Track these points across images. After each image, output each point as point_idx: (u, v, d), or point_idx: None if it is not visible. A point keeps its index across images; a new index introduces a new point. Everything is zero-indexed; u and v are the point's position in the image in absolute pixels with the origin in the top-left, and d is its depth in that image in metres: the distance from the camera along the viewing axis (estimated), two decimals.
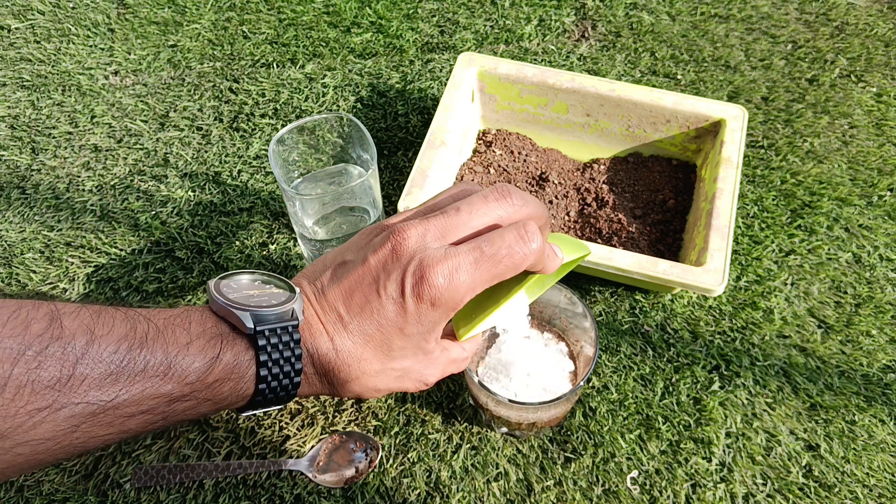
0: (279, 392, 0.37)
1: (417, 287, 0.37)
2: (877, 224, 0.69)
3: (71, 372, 0.31)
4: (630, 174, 0.71)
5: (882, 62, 0.83)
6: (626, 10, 0.88)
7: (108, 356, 0.32)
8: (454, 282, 0.36)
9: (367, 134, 0.58)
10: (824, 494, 0.54)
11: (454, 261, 0.36)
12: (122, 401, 0.32)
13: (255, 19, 0.88)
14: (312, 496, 0.54)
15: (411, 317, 0.37)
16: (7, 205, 0.72)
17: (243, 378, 0.36)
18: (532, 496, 0.54)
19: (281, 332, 0.36)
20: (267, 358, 0.36)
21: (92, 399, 0.31)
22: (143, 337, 0.33)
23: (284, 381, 0.36)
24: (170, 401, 0.34)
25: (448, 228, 0.38)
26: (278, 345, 0.36)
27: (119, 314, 0.34)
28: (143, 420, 0.33)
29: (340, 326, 0.38)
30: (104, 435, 0.32)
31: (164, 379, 0.33)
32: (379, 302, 0.38)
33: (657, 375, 0.60)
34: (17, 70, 0.84)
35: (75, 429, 0.31)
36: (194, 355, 0.34)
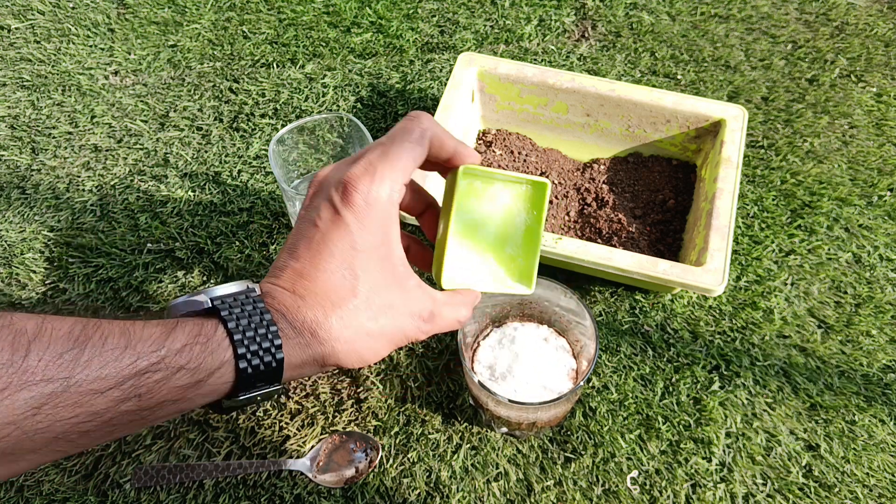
0: (263, 356, 0.35)
1: (345, 196, 0.37)
2: (877, 224, 0.69)
3: (24, 353, 0.30)
4: (630, 174, 0.71)
5: (882, 62, 0.83)
6: (626, 10, 0.88)
7: (62, 337, 0.31)
8: (377, 174, 0.37)
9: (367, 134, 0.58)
10: (824, 494, 0.54)
11: (367, 157, 0.37)
12: (85, 376, 0.31)
13: (255, 19, 0.88)
14: (312, 496, 0.55)
15: (354, 226, 0.37)
16: (7, 205, 0.72)
17: (212, 342, 0.35)
18: (532, 496, 0.54)
19: (242, 301, 0.36)
20: (235, 323, 0.35)
21: (51, 376, 0.30)
22: (97, 323, 0.33)
23: (265, 344, 0.35)
24: (137, 373, 0.32)
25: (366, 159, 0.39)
26: (241, 309, 0.35)
27: (71, 317, 0.33)
28: (112, 398, 0.32)
29: (297, 275, 0.37)
30: (70, 418, 0.31)
31: (126, 350, 0.32)
32: (320, 232, 0.37)
33: (657, 375, 0.60)
34: (17, 70, 0.84)
35: (36, 411, 0.30)
36: (152, 328, 0.34)
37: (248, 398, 0.37)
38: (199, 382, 0.34)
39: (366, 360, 0.39)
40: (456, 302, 0.41)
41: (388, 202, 0.37)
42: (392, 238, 0.38)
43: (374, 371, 0.61)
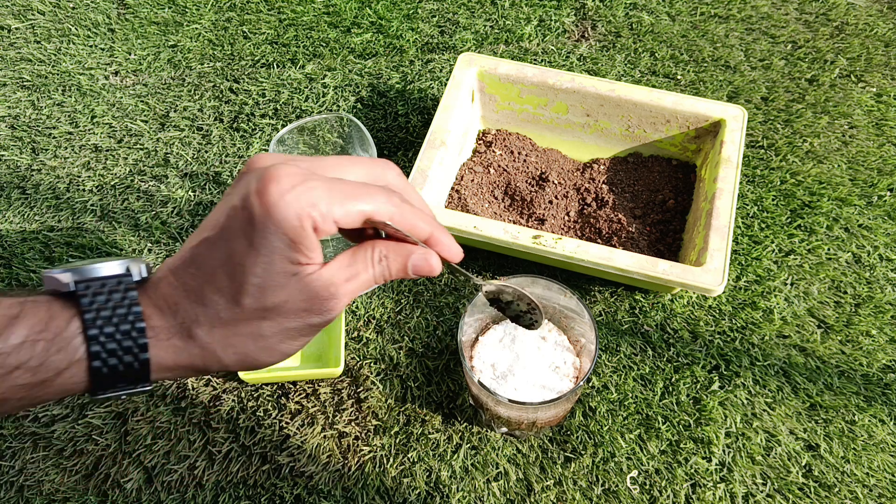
0: (123, 356, 0.31)
1: (260, 182, 0.31)
2: (877, 224, 0.69)
3: None
4: (630, 174, 0.71)
5: (882, 62, 0.83)
6: (626, 11, 0.88)
7: None
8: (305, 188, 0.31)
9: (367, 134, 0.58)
10: (824, 494, 0.54)
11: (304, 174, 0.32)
12: None
13: (256, 19, 0.88)
14: (312, 496, 0.55)
15: (257, 221, 0.31)
16: (7, 205, 0.72)
17: (62, 338, 0.31)
18: (532, 496, 0.54)
19: (111, 288, 0.31)
20: (94, 316, 0.31)
21: None
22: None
23: (126, 343, 0.31)
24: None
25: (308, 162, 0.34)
26: (107, 300, 0.31)
27: None
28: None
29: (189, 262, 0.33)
30: None
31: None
32: (224, 215, 0.32)
33: (657, 375, 0.60)
34: (18, 70, 0.84)
35: None
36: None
37: (110, 397, 0.33)
38: (43, 382, 0.31)
39: (262, 363, 0.35)
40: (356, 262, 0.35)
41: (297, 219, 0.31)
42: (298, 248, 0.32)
43: (375, 371, 0.61)
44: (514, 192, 0.69)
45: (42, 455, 0.57)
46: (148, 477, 0.56)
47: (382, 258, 0.35)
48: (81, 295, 0.31)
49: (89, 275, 0.32)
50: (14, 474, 0.56)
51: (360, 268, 0.35)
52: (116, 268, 0.32)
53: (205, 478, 0.56)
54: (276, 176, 0.31)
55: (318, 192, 0.31)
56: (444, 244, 0.37)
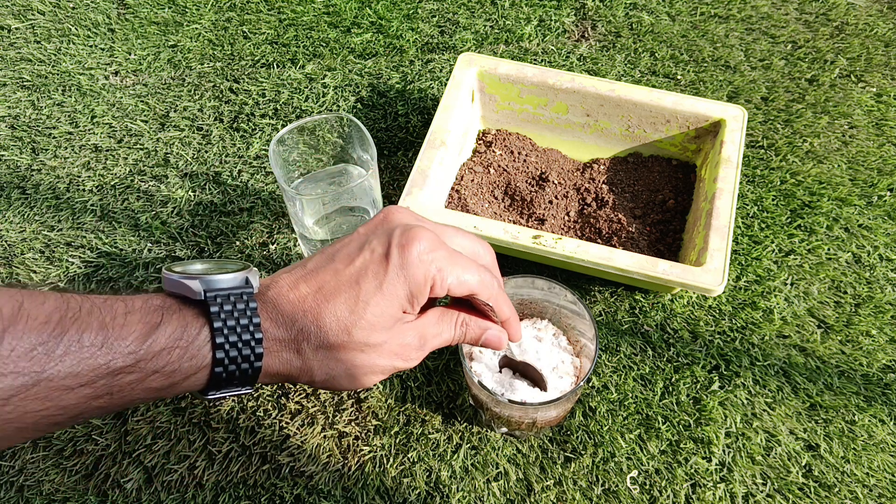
0: (241, 364, 0.34)
1: (404, 237, 0.37)
2: (877, 224, 0.69)
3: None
4: (630, 174, 0.71)
5: (882, 62, 0.83)
6: (626, 11, 0.88)
7: (39, 326, 0.30)
8: (437, 255, 0.37)
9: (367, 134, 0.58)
10: (824, 494, 0.54)
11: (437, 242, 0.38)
12: (56, 372, 0.30)
13: (256, 19, 0.88)
14: (312, 496, 0.55)
15: (392, 269, 0.37)
16: (7, 205, 0.72)
17: (193, 346, 0.33)
18: (532, 496, 0.54)
19: (235, 299, 0.34)
20: (222, 325, 0.33)
21: (22, 370, 0.29)
22: (77, 310, 0.32)
23: (245, 351, 0.34)
24: (111, 372, 0.31)
25: (433, 226, 0.40)
26: (232, 311, 0.34)
27: (52, 293, 0.32)
28: (83, 395, 0.31)
29: (317, 285, 0.37)
30: (39, 410, 0.30)
31: (102, 349, 0.31)
32: (360, 255, 0.37)
33: (657, 375, 0.60)
34: (18, 70, 0.84)
35: (5, 402, 0.29)
36: (134, 325, 0.32)
37: (216, 398, 0.37)
38: (172, 385, 0.34)
39: (342, 388, 0.39)
40: (443, 321, 0.41)
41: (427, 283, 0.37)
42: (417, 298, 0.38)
43: None
44: (514, 192, 0.69)
45: (42, 455, 0.57)
46: (148, 477, 0.56)
47: (464, 324, 0.42)
48: (211, 305, 0.34)
49: (216, 286, 0.35)
50: (14, 474, 0.56)
51: (446, 328, 0.41)
52: (239, 279, 0.36)
53: (205, 478, 0.56)
54: (418, 238, 0.37)
55: (444, 261, 0.38)
56: (514, 328, 0.44)
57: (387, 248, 0.37)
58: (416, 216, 0.40)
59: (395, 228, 0.38)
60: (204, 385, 0.35)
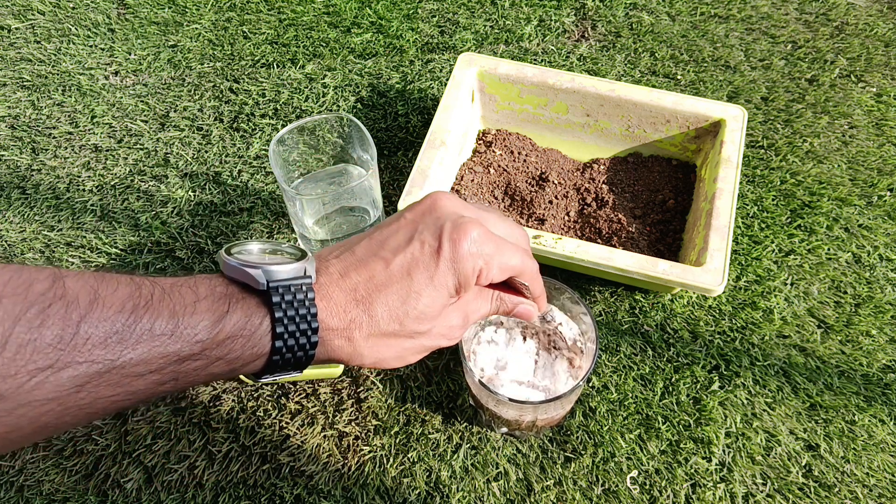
0: (297, 352, 0.36)
1: (455, 232, 0.38)
2: (877, 224, 0.69)
3: (74, 331, 0.30)
4: (630, 174, 0.71)
5: (882, 62, 0.83)
6: (626, 10, 0.88)
7: (113, 315, 0.31)
8: (486, 246, 0.39)
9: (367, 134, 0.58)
10: (824, 494, 0.54)
11: (485, 233, 0.39)
12: (129, 359, 0.31)
13: (256, 19, 0.88)
14: (312, 496, 0.55)
15: (444, 262, 0.38)
16: (7, 205, 0.72)
17: (256, 335, 0.35)
18: (532, 496, 0.54)
19: (295, 290, 0.35)
20: (282, 315, 0.35)
21: (97, 358, 0.30)
22: (149, 297, 0.32)
23: (301, 340, 0.36)
24: (179, 360, 0.33)
25: (476, 213, 0.41)
26: (293, 301, 0.35)
27: (124, 277, 0.33)
28: (152, 380, 0.32)
29: (368, 274, 0.38)
30: (110, 396, 0.31)
31: (172, 338, 0.32)
32: (410, 246, 0.38)
33: (657, 375, 0.60)
34: (18, 70, 0.84)
35: (80, 389, 0.30)
36: (202, 313, 0.33)
37: (268, 381, 0.38)
38: (232, 370, 0.35)
39: (389, 367, 0.41)
40: (480, 297, 0.43)
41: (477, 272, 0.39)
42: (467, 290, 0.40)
43: (375, 371, 0.61)
44: (514, 192, 0.69)
45: (42, 455, 0.57)
46: (148, 477, 0.56)
47: (499, 298, 0.43)
48: (273, 295, 0.35)
49: (278, 276, 0.35)
50: (14, 474, 0.56)
51: (483, 303, 0.43)
52: (299, 269, 0.36)
53: (205, 478, 0.56)
54: (469, 231, 0.38)
55: (491, 252, 0.39)
56: (542, 302, 0.46)
57: (438, 242, 0.38)
58: (461, 203, 0.41)
59: (446, 221, 0.39)
60: (259, 370, 0.37)
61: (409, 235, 0.39)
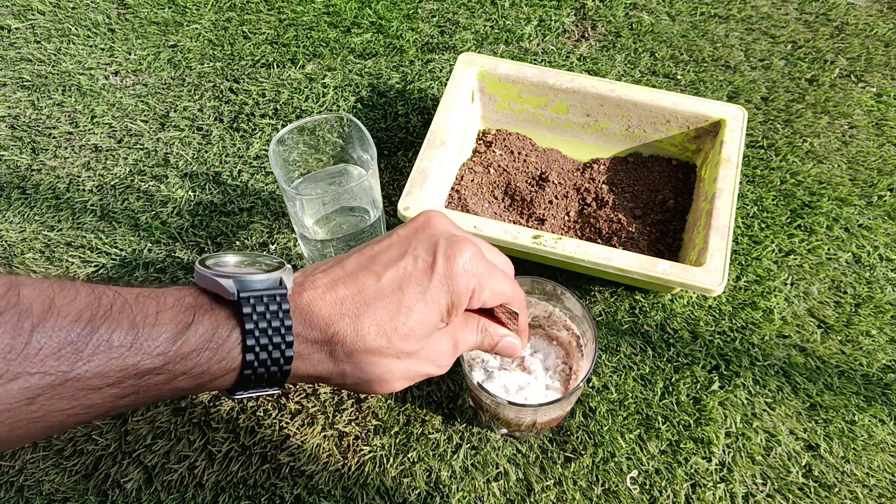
0: (270, 367, 0.34)
1: (450, 248, 0.38)
2: (877, 224, 0.69)
3: (26, 340, 0.29)
4: (630, 174, 0.71)
5: (882, 62, 0.83)
6: (626, 11, 0.88)
7: (68, 325, 0.30)
8: (480, 267, 0.38)
9: (367, 134, 0.58)
10: (824, 494, 0.54)
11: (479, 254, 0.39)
12: (84, 372, 0.30)
13: (256, 19, 0.88)
14: (312, 496, 0.55)
15: (437, 278, 0.37)
16: (7, 205, 0.72)
17: (223, 348, 0.33)
18: (532, 496, 0.54)
19: (268, 301, 0.34)
20: (253, 326, 0.33)
21: (49, 369, 0.29)
22: (109, 307, 0.31)
23: (275, 354, 0.34)
24: (139, 373, 0.31)
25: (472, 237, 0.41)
26: (265, 313, 0.33)
27: (84, 287, 0.32)
28: (110, 394, 0.31)
29: (356, 288, 0.36)
30: (65, 409, 0.30)
31: (131, 350, 0.31)
32: (402, 261, 0.37)
33: (657, 375, 0.60)
34: (18, 70, 0.84)
35: (31, 401, 0.29)
36: (164, 324, 0.32)
37: (243, 398, 0.36)
38: (199, 385, 0.33)
39: (372, 392, 0.39)
40: (467, 326, 0.42)
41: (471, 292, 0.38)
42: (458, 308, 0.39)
43: None
44: (514, 192, 0.69)
45: (42, 455, 0.57)
46: (148, 477, 0.56)
47: (484, 329, 0.42)
48: (244, 306, 0.33)
49: (250, 286, 0.34)
50: (14, 474, 0.56)
51: (469, 333, 0.41)
52: (273, 279, 0.35)
53: (205, 478, 0.56)
54: (464, 249, 0.38)
55: (484, 273, 0.38)
56: (525, 339, 0.45)
57: (433, 258, 0.37)
58: (453, 224, 0.41)
59: (440, 238, 0.38)
60: (231, 385, 0.35)
61: (402, 251, 0.38)
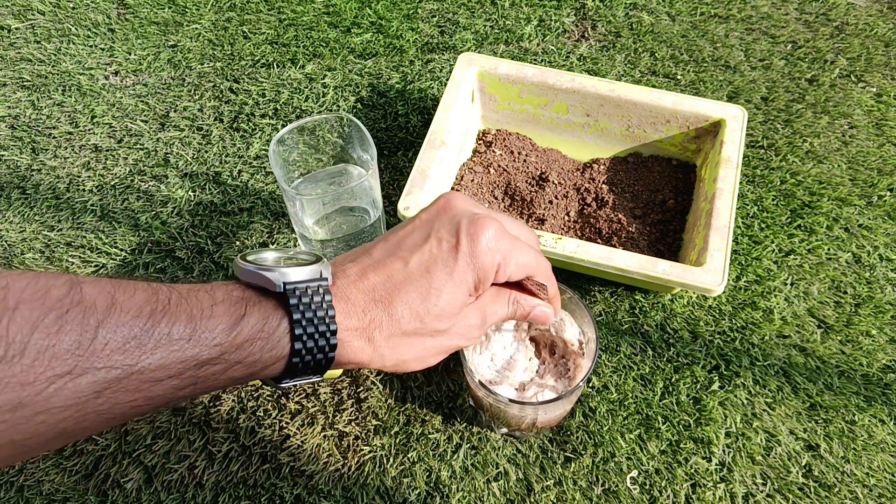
0: (316, 354, 0.36)
1: (473, 227, 0.38)
2: (877, 224, 0.69)
3: (92, 336, 0.30)
4: (630, 174, 0.71)
5: (882, 62, 0.83)
6: (626, 10, 0.88)
7: (131, 320, 0.31)
8: (503, 242, 0.39)
9: (367, 134, 0.58)
10: (824, 494, 0.54)
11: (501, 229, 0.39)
12: (147, 365, 0.31)
13: (256, 19, 0.88)
14: (312, 496, 0.55)
15: (462, 260, 0.38)
16: (7, 205, 0.72)
17: (273, 337, 0.35)
18: (532, 496, 0.54)
19: (312, 292, 0.35)
20: (300, 316, 0.35)
21: (115, 363, 0.30)
22: (167, 302, 0.32)
23: (321, 342, 0.35)
24: (197, 364, 0.33)
25: (494, 212, 0.41)
26: (310, 303, 0.35)
27: (140, 283, 0.33)
28: (170, 385, 0.32)
29: (387, 274, 0.38)
30: (129, 401, 0.31)
31: (190, 342, 0.32)
32: (427, 244, 0.39)
33: (657, 375, 0.60)
34: (18, 70, 0.84)
35: (98, 395, 0.30)
36: (220, 317, 0.33)
37: (288, 385, 0.38)
38: (252, 374, 0.35)
39: (410, 370, 0.40)
40: (498, 300, 0.43)
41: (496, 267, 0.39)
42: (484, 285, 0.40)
43: (374, 371, 0.61)
44: (514, 192, 0.69)
45: (42, 455, 0.57)
46: (148, 477, 0.56)
47: (516, 301, 0.43)
48: (290, 298, 0.35)
49: (294, 278, 0.36)
50: (14, 474, 0.56)
51: (500, 306, 0.43)
52: (314, 271, 0.37)
53: (205, 478, 0.56)
54: (486, 227, 0.39)
55: (508, 249, 0.39)
56: (558, 305, 0.46)
57: (456, 238, 0.38)
58: (473, 202, 0.42)
59: (462, 218, 0.39)
60: (279, 374, 0.36)
61: (426, 234, 0.39)
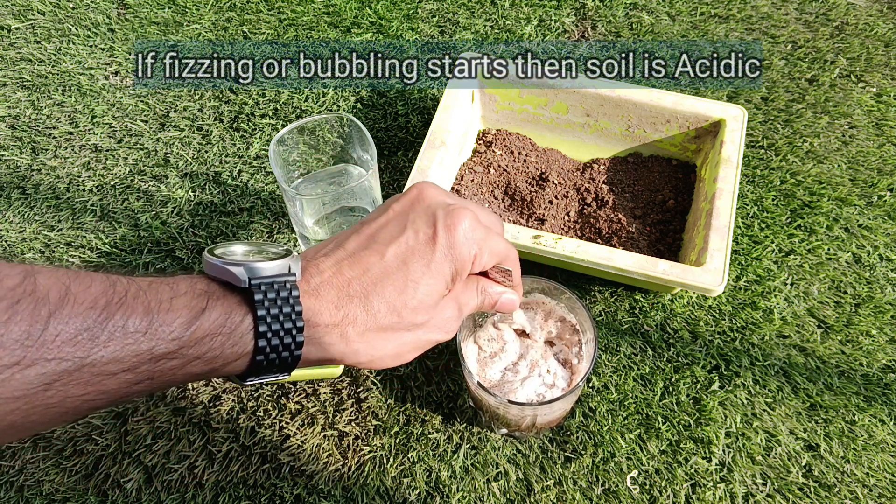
0: (281, 352, 0.34)
1: (449, 218, 0.38)
2: (877, 224, 0.69)
3: (43, 327, 0.29)
4: (630, 174, 0.71)
5: (882, 62, 0.83)
6: (626, 10, 0.88)
7: (84, 311, 0.30)
8: (479, 233, 0.39)
9: (367, 134, 0.58)
10: (824, 494, 0.54)
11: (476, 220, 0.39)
12: (99, 357, 0.30)
13: (256, 19, 0.88)
14: (312, 496, 0.55)
15: (440, 249, 0.37)
16: (7, 205, 0.72)
17: (236, 333, 0.34)
18: (532, 496, 0.54)
19: (278, 287, 0.34)
20: (265, 313, 0.34)
21: (66, 355, 0.29)
22: (123, 294, 0.31)
23: (286, 340, 0.34)
24: (153, 358, 0.31)
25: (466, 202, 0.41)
26: (276, 299, 0.34)
27: (98, 275, 0.32)
28: (125, 380, 0.31)
29: (362, 267, 0.37)
30: (81, 395, 0.30)
31: (146, 335, 0.31)
32: (403, 235, 0.38)
33: (657, 375, 0.60)
34: (18, 70, 0.84)
35: (48, 387, 0.29)
36: (178, 310, 0.32)
37: (254, 383, 0.37)
38: (212, 370, 0.34)
39: (386, 366, 0.39)
40: (468, 290, 0.42)
41: (472, 258, 0.39)
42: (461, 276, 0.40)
43: (375, 371, 0.61)
44: (514, 192, 0.69)
45: (42, 455, 0.57)
46: (148, 477, 0.56)
47: (483, 290, 0.43)
48: (255, 293, 0.34)
49: (260, 273, 0.35)
50: (14, 474, 0.56)
51: (471, 295, 0.42)
52: (282, 266, 0.35)
53: (205, 477, 0.56)
54: (462, 217, 0.38)
55: (483, 237, 0.39)
56: (520, 291, 0.45)
57: (433, 229, 0.38)
58: (445, 192, 0.41)
59: (437, 209, 0.39)
60: (243, 371, 0.35)
61: (402, 225, 0.38)
